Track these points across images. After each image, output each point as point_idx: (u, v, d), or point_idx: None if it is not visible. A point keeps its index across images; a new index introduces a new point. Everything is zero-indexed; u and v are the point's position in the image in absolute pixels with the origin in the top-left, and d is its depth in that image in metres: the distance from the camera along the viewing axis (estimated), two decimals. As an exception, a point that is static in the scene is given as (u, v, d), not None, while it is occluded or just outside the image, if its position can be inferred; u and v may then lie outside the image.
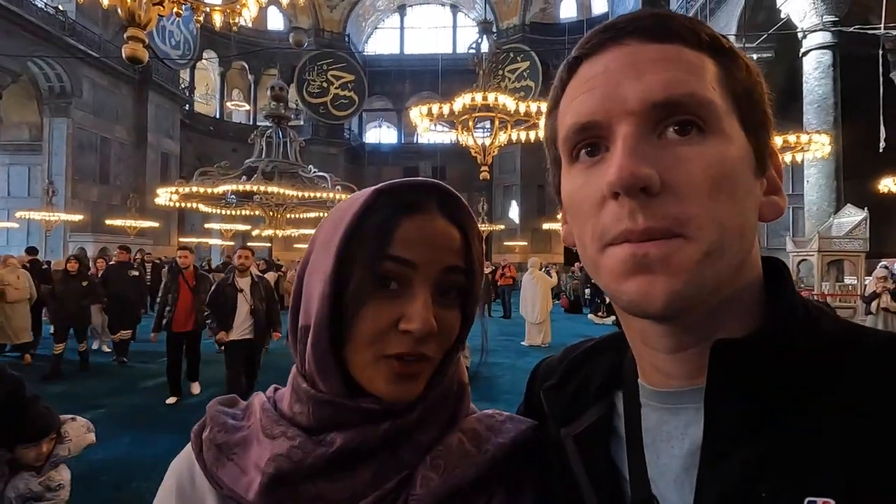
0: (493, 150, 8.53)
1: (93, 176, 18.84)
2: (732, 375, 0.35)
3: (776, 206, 0.39)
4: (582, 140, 0.38)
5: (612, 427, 0.45)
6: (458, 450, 0.46)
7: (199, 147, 25.15)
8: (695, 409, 0.38)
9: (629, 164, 0.34)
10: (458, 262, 0.47)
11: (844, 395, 0.33)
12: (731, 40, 0.43)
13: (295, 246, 20.33)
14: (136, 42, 3.68)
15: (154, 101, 21.36)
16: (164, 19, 20.05)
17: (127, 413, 4.93)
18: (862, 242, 9.61)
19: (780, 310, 0.38)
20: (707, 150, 0.35)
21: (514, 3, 28.43)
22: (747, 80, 0.38)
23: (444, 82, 25.35)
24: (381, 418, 0.45)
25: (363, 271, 0.44)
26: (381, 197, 0.46)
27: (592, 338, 0.53)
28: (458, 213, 0.48)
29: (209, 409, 0.52)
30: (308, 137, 24.35)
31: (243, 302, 4.68)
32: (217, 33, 22.91)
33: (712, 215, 0.34)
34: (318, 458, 0.44)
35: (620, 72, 0.36)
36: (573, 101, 0.39)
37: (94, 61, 18.28)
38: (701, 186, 0.34)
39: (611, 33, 0.38)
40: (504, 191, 27.26)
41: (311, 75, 26.69)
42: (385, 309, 0.44)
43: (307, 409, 0.46)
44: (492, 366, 6.88)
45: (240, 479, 0.46)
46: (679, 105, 0.35)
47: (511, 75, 25.04)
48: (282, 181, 11.41)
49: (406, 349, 0.43)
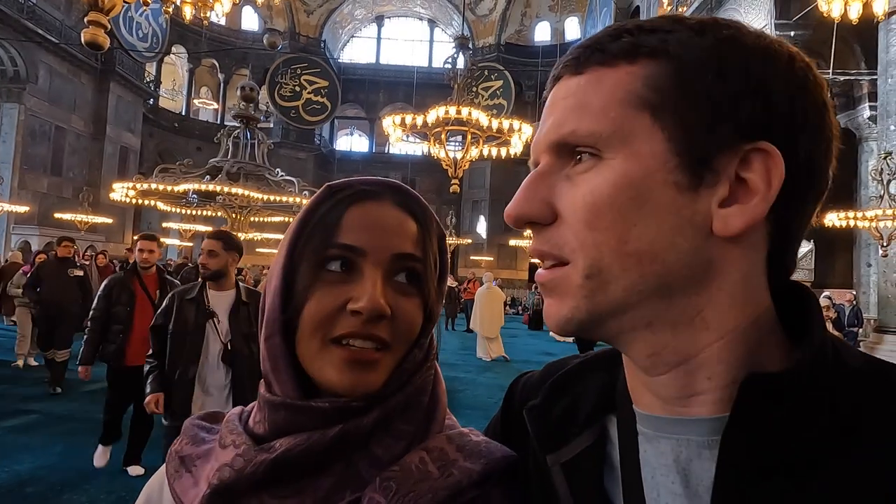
0: (465, 164, 8.59)
1: (43, 166, 17.90)
2: (762, 413, 0.32)
3: (726, 220, 0.33)
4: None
5: (606, 456, 0.41)
6: (417, 471, 0.41)
7: (162, 143, 24.32)
8: (696, 444, 0.35)
9: (514, 207, 0.38)
10: (412, 249, 0.45)
11: (874, 439, 0.31)
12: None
13: (257, 250, 19.79)
14: (96, 27, 3.53)
15: (116, 93, 20.55)
16: (133, 10, 19.45)
17: (60, 420, 4.61)
18: (808, 273, 10.17)
19: (812, 343, 0.34)
20: (593, 177, 0.35)
21: (490, 23, 29.02)
22: (689, 74, 0.33)
23: (418, 95, 25.51)
24: (332, 421, 0.41)
25: (311, 262, 0.44)
26: (333, 191, 0.46)
27: (576, 354, 0.51)
28: (414, 206, 0.47)
29: (186, 422, 0.51)
30: (277, 140, 23.94)
31: (215, 338, 2.55)
32: (188, 28, 22.37)
33: (587, 241, 0.35)
34: (258, 465, 0.40)
35: (546, 109, 0.39)
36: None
37: (53, 47, 17.48)
38: (578, 215, 0.35)
39: (559, 66, 0.40)
40: (473, 205, 27.48)
41: (284, 78, 26.35)
42: (332, 293, 0.42)
43: (264, 416, 0.44)
44: (452, 380, 6.85)
45: (191, 490, 0.44)
46: (563, 145, 0.37)
47: (485, 93, 25.43)
48: (247, 183, 11.13)
49: (354, 328, 0.41)
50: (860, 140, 14.34)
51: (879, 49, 10.12)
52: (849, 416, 0.31)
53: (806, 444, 0.31)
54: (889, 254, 9.50)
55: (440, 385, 0.49)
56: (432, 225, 0.47)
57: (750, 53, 0.34)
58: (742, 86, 0.33)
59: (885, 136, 9.75)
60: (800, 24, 11.18)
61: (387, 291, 0.43)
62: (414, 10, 32.12)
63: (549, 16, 29.42)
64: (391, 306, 0.42)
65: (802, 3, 10.64)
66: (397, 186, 0.48)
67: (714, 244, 0.34)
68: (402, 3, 31.55)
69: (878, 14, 4.57)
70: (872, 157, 11.06)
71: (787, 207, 0.34)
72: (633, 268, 0.34)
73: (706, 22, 0.36)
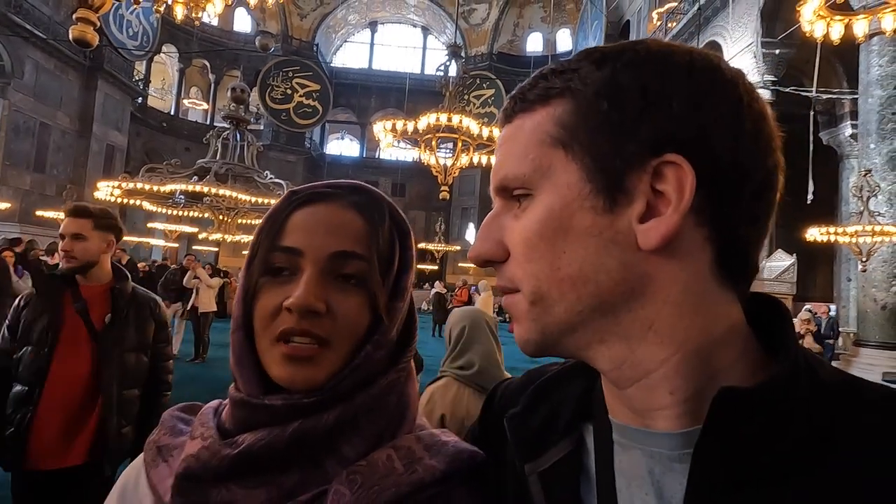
0: (455, 171, 8.62)
1: (27, 162, 17.57)
2: (735, 427, 0.32)
3: (646, 234, 0.34)
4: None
5: (582, 465, 0.41)
6: (384, 467, 0.43)
7: (150, 142, 24.03)
8: (668, 457, 0.36)
9: (474, 249, 0.41)
10: (352, 247, 0.45)
11: (847, 451, 0.31)
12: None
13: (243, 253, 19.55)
14: (85, 24, 3.50)
15: (103, 91, 20.29)
16: (123, 7, 19.27)
17: None
18: (790, 286, 10.35)
19: (787, 358, 0.35)
20: (525, 215, 0.38)
21: (483, 32, 29.25)
22: (588, 107, 0.36)
23: (409, 101, 25.55)
24: (289, 417, 0.43)
25: (261, 263, 0.47)
26: (292, 195, 0.48)
27: (556, 362, 0.50)
28: (368, 205, 0.48)
29: (165, 413, 0.52)
30: (267, 143, 23.81)
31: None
32: (179, 28, 22.22)
33: (527, 272, 0.38)
34: (223, 459, 0.42)
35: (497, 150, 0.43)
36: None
37: (41, 42, 17.24)
38: (517, 249, 0.39)
39: (501, 112, 0.43)
40: (462, 212, 27.53)
41: (276, 81, 26.25)
42: (275, 293, 0.45)
43: (230, 411, 0.46)
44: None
45: (165, 480, 0.45)
46: (503, 188, 0.40)
47: (476, 101, 25.58)
48: (235, 185, 11.05)
49: (290, 325, 0.43)
50: (842, 157, 14.66)
51: (861, 69, 10.38)
52: (822, 430, 0.32)
53: (778, 457, 0.32)
54: (868, 269, 9.71)
55: (412, 387, 0.50)
56: (384, 223, 0.48)
57: (646, 73, 0.35)
58: (640, 105, 0.35)
59: (866, 154, 9.99)
60: (785, 42, 11.45)
61: (324, 289, 0.44)
62: (408, 16, 32.27)
63: (541, 27, 29.74)
64: (329, 304, 0.44)
65: (788, 23, 10.90)
66: (355, 187, 0.49)
67: (645, 259, 0.35)
68: (396, 9, 31.68)
69: (858, 36, 4.70)
70: (853, 174, 11.32)
71: (722, 208, 0.35)
72: (569, 291, 0.36)
73: (610, 52, 0.38)
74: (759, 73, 12.35)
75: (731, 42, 13.32)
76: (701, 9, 14.06)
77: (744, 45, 12.73)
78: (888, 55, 9.67)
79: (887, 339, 9.73)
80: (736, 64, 4.70)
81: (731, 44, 13.31)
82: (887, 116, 9.71)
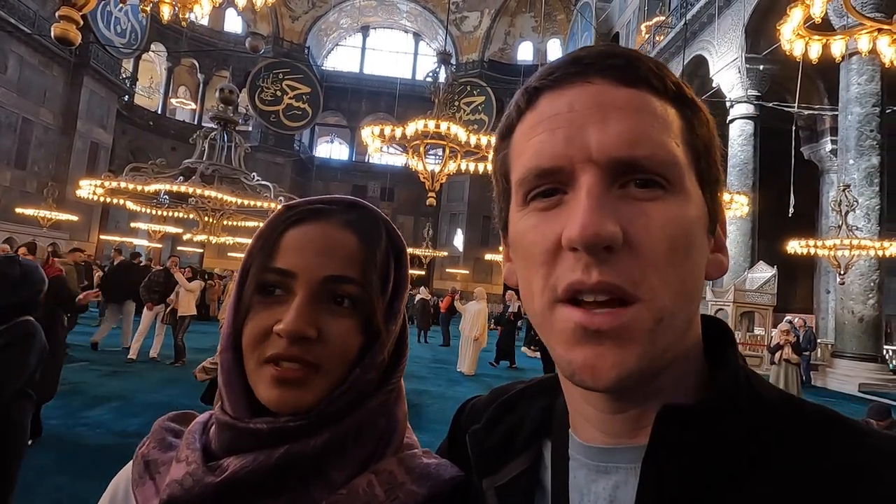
0: (442, 177, 8.63)
1: (7, 158, 17.20)
2: (677, 443, 0.33)
3: (720, 264, 0.38)
4: (541, 184, 0.35)
5: (539, 480, 0.41)
6: (364, 494, 0.42)
7: (135, 141, 23.70)
8: (625, 471, 0.36)
9: (594, 223, 0.31)
10: (345, 271, 0.44)
11: (786, 467, 0.32)
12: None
13: (229, 254, 19.38)
14: (68, 22, 3.44)
15: (89, 87, 19.98)
16: (112, 4, 19.05)
17: None
18: (771, 297, 10.53)
19: (727, 376, 0.36)
20: (668, 208, 0.33)
21: (474, 39, 29.48)
22: (707, 135, 0.37)
23: (400, 106, 25.61)
24: (275, 442, 0.41)
25: (253, 282, 0.45)
26: (287, 210, 0.47)
27: (522, 379, 0.50)
28: (364, 224, 0.47)
29: (156, 423, 0.51)
30: (255, 144, 23.67)
31: None
32: (169, 27, 22.01)
33: (667, 278, 0.32)
34: (206, 487, 0.41)
35: (585, 114, 0.34)
36: (532, 138, 0.36)
37: (25, 37, 16.94)
38: (659, 246, 0.32)
39: (577, 68, 0.35)
40: (451, 218, 27.58)
41: (266, 83, 26.13)
42: (265, 315, 0.44)
43: (217, 433, 0.45)
44: (422, 393, 6.79)
45: (152, 499, 0.43)
46: (642, 165, 0.33)
47: (466, 107, 25.74)
48: (222, 186, 10.93)
49: (279, 350, 0.42)
50: (822, 172, 15.00)
51: (841, 87, 10.64)
52: (763, 444, 0.33)
53: (720, 471, 0.32)
54: (846, 282, 9.93)
55: (401, 408, 0.49)
56: (380, 244, 0.47)
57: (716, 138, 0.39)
58: (718, 153, 0.39)
59: (844, 170, 10.24)
60: (769, 58, 11.71)
61: (315, 314, 0.43)
62: (400, 22, 32.39)
63: (532, 36, 30.07)
64: (320, 329, 0.43)
65: (772, 39, 11.15)
66: (351, 203, 0.48)
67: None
68: (389, 15, 31.79)
69: (835, 56, 4.84)
70: (833, 188, 11.59)
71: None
72: (688, 305, 0.34)
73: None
74: (744, 88, 12.60)
75: (717, 56, 13.59)
76: (687, 24, 14.33)
77: (729, 59, 12.99)
78: (867, 74, 9.95)
79: (864, 350, 9.94)
80: (721, 78, 4.86)
81: (717, 58, 13.57)
82: (865, 133, 9.97)
